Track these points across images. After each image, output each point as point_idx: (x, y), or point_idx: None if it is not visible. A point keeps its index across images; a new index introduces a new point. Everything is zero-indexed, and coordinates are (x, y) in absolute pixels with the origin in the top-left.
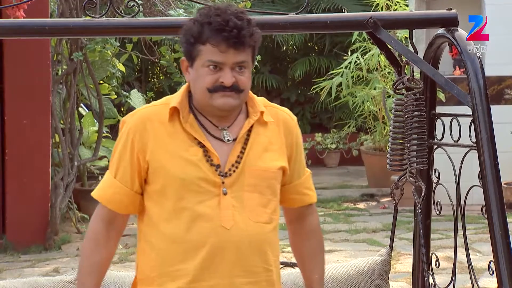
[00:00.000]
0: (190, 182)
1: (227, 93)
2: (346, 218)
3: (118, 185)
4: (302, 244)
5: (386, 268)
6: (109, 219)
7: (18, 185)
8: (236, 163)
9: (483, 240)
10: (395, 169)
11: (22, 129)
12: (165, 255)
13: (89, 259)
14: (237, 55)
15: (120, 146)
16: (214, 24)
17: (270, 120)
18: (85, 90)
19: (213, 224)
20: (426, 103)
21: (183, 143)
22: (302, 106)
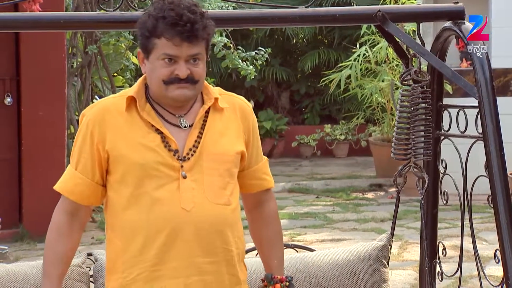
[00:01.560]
0: (149, 167)
1: (182, 85)
2: (355, 207)
3: (79, 176)
4: (261, 231)
5: (385, 254)
6: (72, 211)
7: (34, 175)
8: (194, 147)
9: (489, 229)
10: (399, 158)
11: (38, 121)
12: (128, 241)
13: (53, 249)
14: (191, 48)
15: (80, 138)
16: (168, 18)
17: (225, 106)
18: (99, 82)
19: (172, 207)
20: (433, 94)
21: (141, 130)
22: (311, 98)
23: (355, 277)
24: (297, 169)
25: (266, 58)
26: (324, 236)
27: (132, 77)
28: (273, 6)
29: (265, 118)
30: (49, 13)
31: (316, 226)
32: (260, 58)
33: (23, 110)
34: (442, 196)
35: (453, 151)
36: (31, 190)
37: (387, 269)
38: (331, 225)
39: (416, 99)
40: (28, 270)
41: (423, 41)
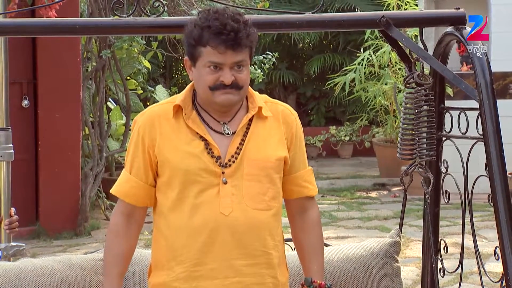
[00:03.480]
0: (193, 173)
1: (228, 90)
2: (359, 206)
3: (134, 179)
4: (302, 237)
5: (396, 249)
6: (128, 212)
7: (51, 175)
8: (236, 154)
9: (489, 227)
10: (405, 158)
11: (54, 122)
12: (172, 241)
13: (112, 250)
14: (235, 56)
15: (132, 144)
16: (213, 28)
17: (268, 115)
18: (113, 85)
19: (212, 211)
20: (435, 97)
21: (186, 137)
22: (317, 101)
23: (368, 272)
24: None
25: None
26: (329, 233)
27: (144, 80)
28: (281, 12)
29: None
30: (66, 19)
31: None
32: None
33: (39, 112)
34: (443, 195)
35: (454, 151)
36: (47, 189)
37: (399, 264)
38: (336, 223)
39: (419, 102)
40: (55, 264)
41: (425, 45)
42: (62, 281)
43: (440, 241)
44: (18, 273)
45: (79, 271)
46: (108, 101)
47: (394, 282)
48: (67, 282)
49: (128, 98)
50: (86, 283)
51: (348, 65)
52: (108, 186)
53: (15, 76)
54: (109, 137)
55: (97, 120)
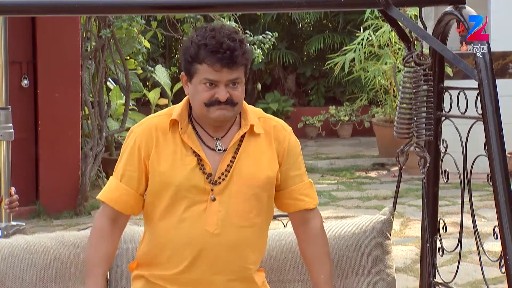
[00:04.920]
0: (183, 189)
1: (222, 106)
2: (358, 186)
3: (124, 187)
4: (306, 248)
5: (388, 227)
6: (114, 218)
7: (51, 155)
8: (226, 172)
9: (487, 206)
10: (401, 137)
11: (54, 102)
12: (158, 249)
13: (97, 252)
14: (230, 73)
15: (126, 152)
16: (209, 46)
17: (260, 132)
18: (112, 65)
19: (197, 228)
20: (434, 77)
21: (180, 152)
22: (316, 81)
23: (360, 250)
24: (303, 149)
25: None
26: (328, 213)
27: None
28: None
29: (272, 100)
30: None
31: (321, 204)
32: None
33: (39, 92)
34: (442, 175)
35: (453, 131)
36: (47, 169)
37: (390, 241)
38: (335, 203)
39: (418, 82)
40: (48, 242)
41: (425, 25)
42: (55, 258)
43: (439, 220)
44: (11, 250)
45: (72, 248)
46: (108, 81)
47: (386, 259)
48: (60, 259)
49: (127, 78)
50: (79, 260)
51: (347, 45)
52: (108, 166)
53: (15, 56)
54: (109, 117)
55: (96, 100)
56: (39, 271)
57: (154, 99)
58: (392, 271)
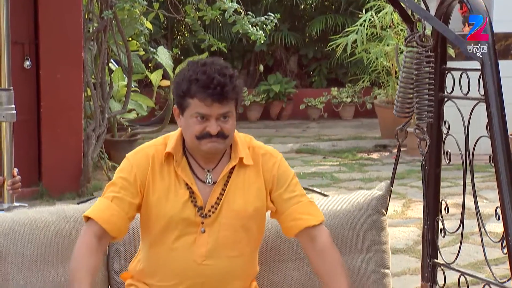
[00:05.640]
0: (174, 221)
1: (214, 139)
2: (360, 167)
3: (115, 208)
4: (317, 265)
5: (383, 203)
6: (100, 236)
7: (53, 136)
8: (216, 204)
9: (489, 187)
10: (401, 115)
11: (56, 83)
12: (149, 271)
13: (83, 262)
14: (221, 108)
15: (121, 177)
16: (201, 81)
17: (250, 163)
18: (114, 46)
19: (186, 259)
20: (437, 58)
21: (174, 185)
22: (319, 62)
23: (354, 228)
24: (305, 131)
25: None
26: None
27: (146, 41)
28: None
29: (274, 81)
30: None
31: (323, 185)
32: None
33: (41, 73)
34: (444, 156)
35: (456, 112)
36: (50, 150)
37: (385, 217)
38: (337, 184)
39: (420, 63)
40: (48, 217)
41: (427, 6)
42: (56, 233)
43: (441, 201)
44: (12, 226)
45: (72, 223)
46: (110, 62)
47: (380, 236)
48: (60, 234)
49: (130, 59)
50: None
51: (350, 26)
52: (110, 147)
53: (17, 36)
54: (111, 99)
55: (99, 81)
56: (40, 247)
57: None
58: (386, 247)
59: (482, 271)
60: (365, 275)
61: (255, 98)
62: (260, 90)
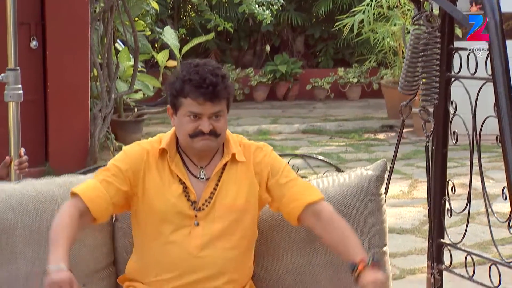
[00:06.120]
0: (169, 214)
1: (206, 137)
2: (367, 148)
3: (102, 191)
4: (328, 235)
5: (379, 184)
6: (82, 213)
7: (60, 116)
8: (209, 199)
9: (496, 168)
10: (406, 92)
11: (62, 64)
12: (144, 269)
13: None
14: (213, 107)
15: (115, 165)
16: (193, 81)
17: (242, 160)
18: (121, 26)
19: (181, 250)
20: (444, 38)
21: (168, 180)
22: (325, 42)
23: (348, 211)
24: (311, 111)
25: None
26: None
27: (153, 21)
28: None
29: (281, 62)
30: None
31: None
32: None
33: (48, 54)
34: (451, 136)
35: (463, 92)
36: (57, 130)
37: (381, 197)
38: (343, 165)
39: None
40: (56, 189)
41: None
42: None
43: (447, 182)
44: (20, 200)
45: None
46: (116, 43)
47: (375, 216)
48: None
49: (136, 39)
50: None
51: (356, 6)
52: (117, 128)
53: (24, 17)
54: (118, 79)
55: (105, 62)
56: (47, 220)
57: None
58: (382, 226)
59: (489, 251)
60: None
61: (261, 79)
62: (266, 70)
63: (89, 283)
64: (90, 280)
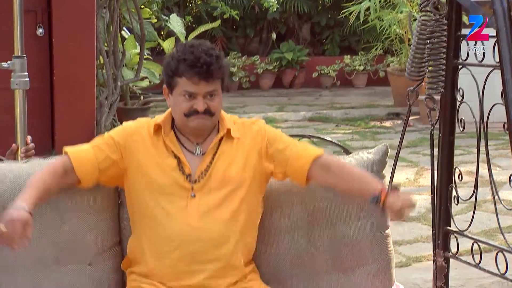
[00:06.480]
0: (165, 186)
1: (201, 116)
2: (373, 135)
3: (92, 154)
4: (341, 179)
5: (380, 168)
6: (66, 171)
7: (66, 104)
8: (205, 171)
9: (503, 155)
10: (412, 78)
11: (69, 51)
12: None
13: (45, 177)
14: (207, 86)
15: (111, 136)
16: (188, 61)
17: (236, 136)
18: (127, 14)
19: (179, 222)
20: (451, 25)
21: (163, 154)
22: (331, 30)
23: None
24: (318, 99)
25: None
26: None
27: (159, 9)
28: None
29: (287, 49)
30: None
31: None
32: None
33: (54, 41)
34: (458, 124)
35: (470, 80)
36: (63, 118)
37: (383, 180)
38: None
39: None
40: None
41: None
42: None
43: (454, 169)
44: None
45: None
46: (123, 30)
47: None
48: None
49: (142, 27)
50: (93, 189)
51: None
52: (123, 115)
53: (30, 4)
54: (124, 66)
55: (111, 49)
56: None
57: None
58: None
59: (495, 238)
60: (360, 241)
61: (267, 66)
62: (272, 58)
63: (95, 262)
64: (96, 260)
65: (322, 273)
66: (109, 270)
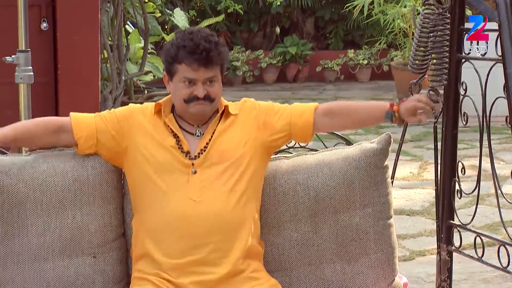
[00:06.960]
0: (166, 163)
1: (201, 102)
2: (377, 129)
3: (92, 123)
4: (347, 115)
5: (382, 158)
6: (63, 129)
7: (70, 98)
8: (204, 148)
9: (506, 149)
10: (415, 71)
11: (72, 45)
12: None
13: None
14: (207, 72)
15: (117, 112)
16: (187, 47)
17: (235, 112)
18: (131, 8)
19: (182, 198)
20: (455, 18)
21: (162, 133)
22: (335, 24)
23: (352, 186)
24: (321, 93)
25: None
26: None
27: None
28: None
29: (291, 43)
30: None
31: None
32: None
33: (58, 35)
34: (461, 118)
35: (473, 73)
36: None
37: (385, 169)
38: None
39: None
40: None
41: None
42: (74, 180)
43: (457, 163)
44: (31, 173)
45: (90, 169)
46: (127, 24)
47: (379, 189)
48: (78, 181)
49: (146, 21)
50: (97, 181)
51: None
52: None
53: None
54: (128, 61)
55: (115, 44)
56: (58, 193)
57: None
58: (386, 198)
59: (498, 232)
60: (364, 230)
61: (271, 61)
62: (276, 52)
63: (99, 254)
64: (100, 251)
65: (326, 262)
66: (113, 261)
